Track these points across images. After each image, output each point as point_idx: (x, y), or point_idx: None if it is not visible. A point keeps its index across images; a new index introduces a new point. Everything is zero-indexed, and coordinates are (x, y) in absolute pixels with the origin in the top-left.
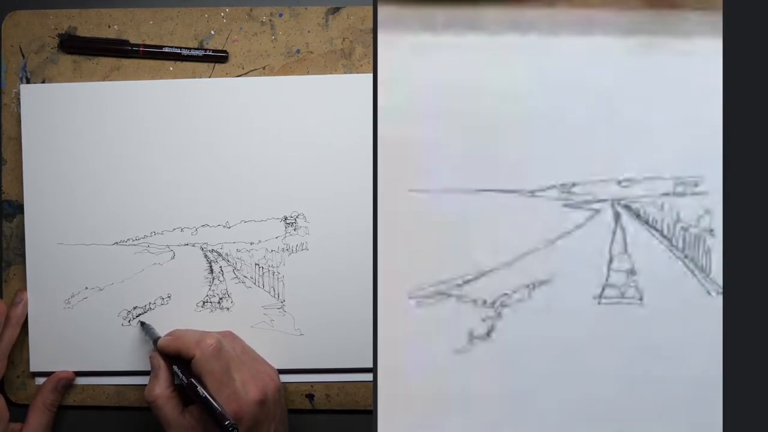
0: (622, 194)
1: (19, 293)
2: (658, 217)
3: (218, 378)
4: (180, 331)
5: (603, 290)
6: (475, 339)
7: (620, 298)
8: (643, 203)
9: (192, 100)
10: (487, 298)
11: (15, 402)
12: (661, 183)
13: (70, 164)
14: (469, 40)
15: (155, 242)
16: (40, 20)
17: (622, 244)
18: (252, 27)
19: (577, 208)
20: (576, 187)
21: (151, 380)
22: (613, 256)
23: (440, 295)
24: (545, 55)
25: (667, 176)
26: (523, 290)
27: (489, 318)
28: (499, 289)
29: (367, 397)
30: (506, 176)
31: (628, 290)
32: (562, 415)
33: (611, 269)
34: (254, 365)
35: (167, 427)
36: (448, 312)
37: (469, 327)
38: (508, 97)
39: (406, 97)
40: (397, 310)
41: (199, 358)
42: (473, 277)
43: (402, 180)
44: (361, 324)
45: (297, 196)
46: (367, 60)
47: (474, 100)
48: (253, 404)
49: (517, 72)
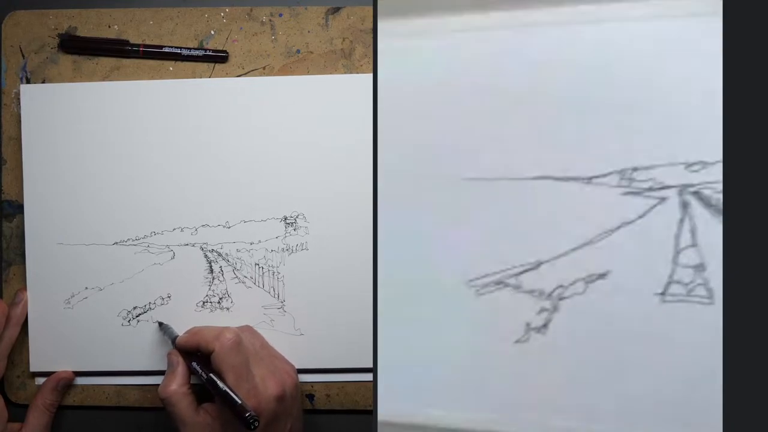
0: (691, 179)
1: (19, 293)
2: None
3: (238, 373)
4: (198, 327)
5: (667, 287)
6: (531, 330)
7: (687, 295)
8: (715, 190)
9: (192, 100)
10: (545, 289)
11: (15, 402)
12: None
13: (70, 164)
14: (492, 19)
15: (155, 242)
16: (40, 20)
17: (690, 236)
18: (252, 27)
19: (640, 195)
20: (637, 172)
21: (167, 377)
22: (680, 250)
23: (497, 285)
24: (597, 20)
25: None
26: (579, 283)
27: (545, 310)
28: (554, 281)
29: (367, 397)
30: (560, 162)
31: (697, 288)
32: (617, 409)
33: (677, 264)
34: (273, 361)
35: (181, 424)
36: (506, 302)
37: (525, 319)
38: (539, 79)
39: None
40: (456, 298)
41: (218, 352)
42: (530, 268)
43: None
44: (361, 324)
45: (297, 196)
46: (367, 60)
47: (513, 76)
48: (272, 400)
49: (553, 48)
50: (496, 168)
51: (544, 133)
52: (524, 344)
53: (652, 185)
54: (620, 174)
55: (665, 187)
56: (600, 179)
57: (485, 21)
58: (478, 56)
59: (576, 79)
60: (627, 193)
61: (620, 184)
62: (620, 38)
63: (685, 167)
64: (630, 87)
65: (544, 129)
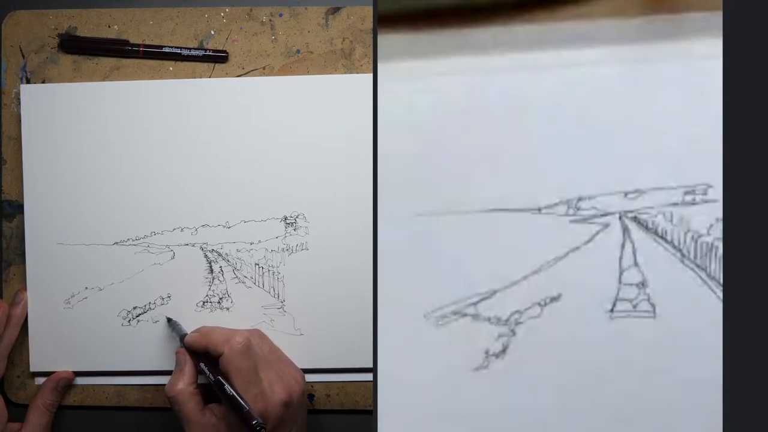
0: (629, 206)
1: (19, 293)
2: (667, 227)
3: (246, 377)
4: (208, 328)
5: (615, 304)
6: (491, 357)
7: (632, 311)
8: (651, 214)
9: (192, 100)
10: (502, 315)
11: (15, 402)
12: (670, 193)
13: (70, 164)
14: (468, 59)
15: (155, 242)
16: (40, 20)
17: (631, 257)
18: (252, 27)
19: (585, 222)
20: (582, 201)
21: (174, 375)
22: (624, 270)
23: (455, 315)
24: (545, 68)
25: (675, 185)
26: (535, 307)
27: (503, 336)
28: (511, 307)
29: (367, 397)
30: (514, 195)
31: (641, 303)
32: (579, 427)
33: (622, 282)
34: (281, 366)
35: (186, 423)
36: (461, 331)
37: (484, 346)
38: (509, 112)
39: (406, 104)
40: (409, 329)
41: (227, 355)
42: (486, 297)
43: (406, 203)
44: (361, 324)
45: (297, 196)
46: (367, 60)
47: (475, 116)
48: (279, 405)
49: (519, 88)
50: (448, 202)
51: (499, 165)
52: (484, 371)
53: (595, 213)
54: (567, 204)
55: (607, 214)
56: (548, 209)
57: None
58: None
59: (523, 118)
60: (574, 221)
61: (567, 213)
62: (564, 81)
63: (624, 195)
64: (575, 123)
65: (500, 162)
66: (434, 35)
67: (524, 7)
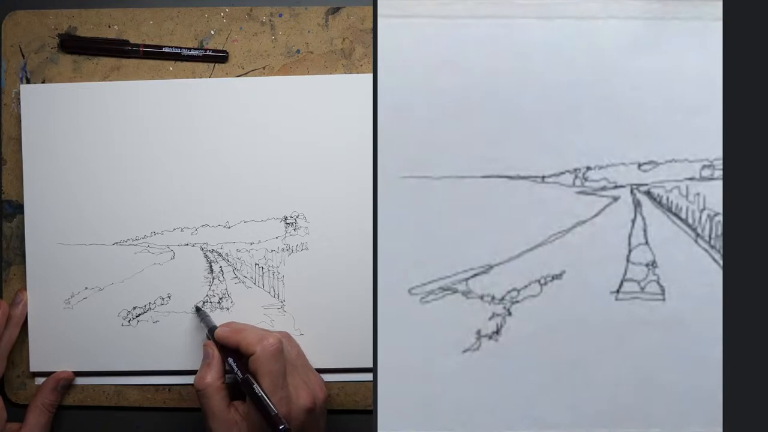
0: (642, 179)
1: (19, 293)
2: (682, 204)
3: (274, 379)
4: (239, 325)
5: (621, 285)
6: (483, 338)
7: (640, 293)
8: (665, 189)
9: (192, 100)
10: (497, 294)
11: (14, 402)
12: (686, 166)
13: (70, 164)
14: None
15: (155, 242)
16: (40, 20)
17: (642, 234)
18: (252, 27)
19: (593, 194)
20: (591, 171)
21: (203, 368)
22: (633, 248)
23: (445, 291)
24: (552, 37)
25: (692, 159)
26: (534, 285)
27: (497, 315)
28: (507, 285)
29: (367, 397)
30: (515, 161)
31: (649, 285)
32: (574, 417)
33: (630, 262)
34: (307, 372)
35: (211, 418)
36: (454, 309)
37: (476, 325)
38: (516, 79)
39: (405, 86)
40: (398, 307)
41: (259, 355)
42: (481, 272)
43: (402, 171)
44: (361, 324)
45: (297, 196)
46: (367, 60)
47: (479, 85)
48: (303, 411)
49: (525, 55)
50: (440, 165)
51: (495, 130)
52: (474, 353)
53: (605, 185)
54: (574, 173)
55: (618, 186)
56: (553, 178)
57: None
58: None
59: (531, 79)
60: (581, 192)
61: (574, 184)
62: (579, 38)
63: (637, 167)
64: (585, 87)
65: (496, 127)
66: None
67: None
